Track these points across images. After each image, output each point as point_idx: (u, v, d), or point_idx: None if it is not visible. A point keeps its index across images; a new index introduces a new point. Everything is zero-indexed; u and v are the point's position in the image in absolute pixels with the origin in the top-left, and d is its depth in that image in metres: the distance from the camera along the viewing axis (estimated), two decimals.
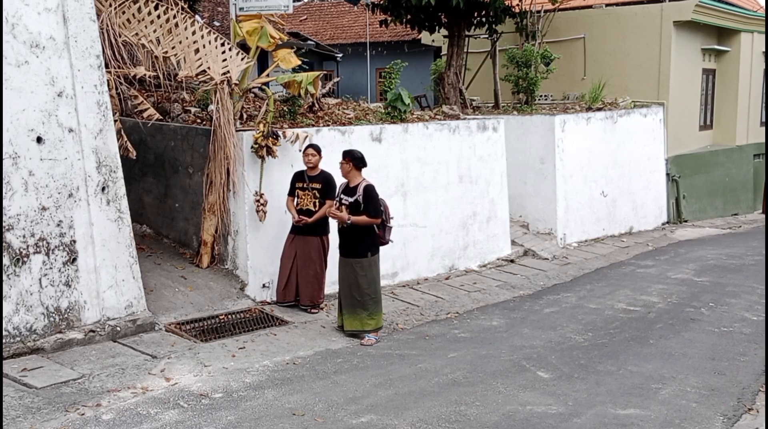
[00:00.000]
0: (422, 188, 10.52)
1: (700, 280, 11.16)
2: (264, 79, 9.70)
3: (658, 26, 16.38)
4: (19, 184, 6.42)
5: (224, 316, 7.93)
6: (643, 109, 15.95)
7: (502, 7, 14.67)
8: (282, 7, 10.63)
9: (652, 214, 16.26)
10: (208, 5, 19.06)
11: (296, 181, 8.34)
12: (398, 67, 10.79)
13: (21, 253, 6.42)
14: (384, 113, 10.84)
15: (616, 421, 5.71)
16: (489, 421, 5.63)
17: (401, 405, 5.89)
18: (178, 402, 5.70)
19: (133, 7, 8.25)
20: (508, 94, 15.89)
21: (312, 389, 6.15)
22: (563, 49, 16.50)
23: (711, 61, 18.75)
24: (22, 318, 6.41)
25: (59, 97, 6.71)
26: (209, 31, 8.61)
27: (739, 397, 6.36)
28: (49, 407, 5.43)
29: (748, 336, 8.23)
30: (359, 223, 7.54)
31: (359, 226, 7.54)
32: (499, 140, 12.00)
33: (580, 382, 6.60)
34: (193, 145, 9.00)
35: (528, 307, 9.49)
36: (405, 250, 10.27)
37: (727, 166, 19.24)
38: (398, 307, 9.08)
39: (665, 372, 6.94)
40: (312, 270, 8.33)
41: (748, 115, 19.81)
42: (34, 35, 6.52)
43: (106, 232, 7.08)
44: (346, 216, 7.52)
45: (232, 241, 8.74)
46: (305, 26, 25.71)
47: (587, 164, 14.15)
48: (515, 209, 13.15)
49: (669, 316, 9.09)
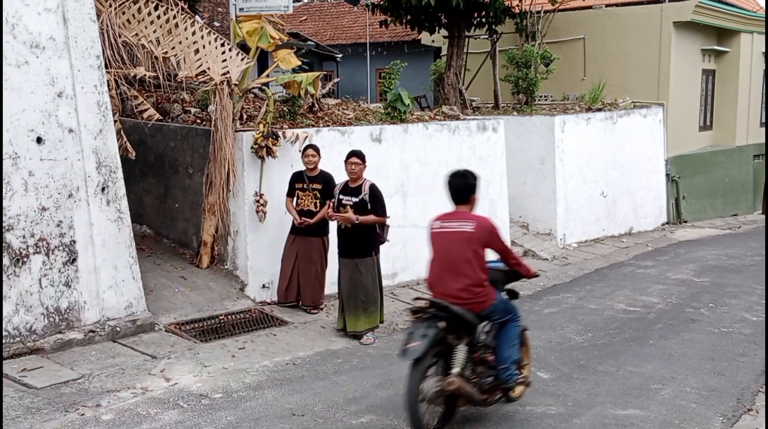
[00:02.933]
0: (422, 189, 10.52)
1: (700, 281, 11.16)
2: (264, 80, 9.71)
3: (657, 27, 16.39)
4: (19, 185, 6.42)
5: (224, 317, 7.93)
6: (642, 109, 15.95)
7: (501, 8, 14.67)
8: (282, 8, 10.63)
9: (651, 214, 16.25)
10: (208, 5, 19.07)
11: (295, 182, 8.32)
12: (398, 68, 10.79)
13: (21, 253, 6.42)
14: (384, 114, 10.84)
15: (616, 422, 5.71)
16: (489, 422, 5.63)
17: (401, 405, 5.87)
18: (177, 402, 5.70)
19: (133, 8, 8.25)
20: (508, 94, 15.89)
21: (312, 390, 6.15)
22: (563, 50, 16.50)
23: (711, 62, 18.76)
24: (21, 318, 6.41)
25: (59, 98, 6.71)
26: (209, 32, 8.62)
27: (739, 398, 6.36)
28: (49, 407, 5.43)
29: (747, 336, 8.23)
30: (367, 223, 7.51)
31: (363, 226, 7.51)
32: (499, 141, 12.00)
33: (579, 383, 6.60)
34: (193, 146, 9.01)
35: (528, 308, 9.48)
36: (405, 251, 10.27)
37: (727, 167, 19.24)
38: (398, 308, 9.08)
39: (665, 372, 6.94)
40: (313, 270, 8.33)
41: (748, 115, 19.82)
42: (34, 35, 6.52)
43: (106, 232, 7.08)
44: (353, 216, 7.43)
45: (231, 242, 8.74)
46: (305, 27, 25.72)
47: (587, 165, 14.16)
48: (515, 210, 13.15)
49: (669, 316, 9.09)
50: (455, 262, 5.10)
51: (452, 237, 5.17)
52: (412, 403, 4.81)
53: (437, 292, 5.19)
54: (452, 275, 5.12)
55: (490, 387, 5.26)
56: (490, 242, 5.21)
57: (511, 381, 5.33)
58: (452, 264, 5.12)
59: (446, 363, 5.02)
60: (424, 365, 4.86)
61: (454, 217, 5.28)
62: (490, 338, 5.30)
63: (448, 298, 5.07)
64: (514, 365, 5.35)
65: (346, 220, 7.45)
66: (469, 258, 5.08)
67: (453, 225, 5.21)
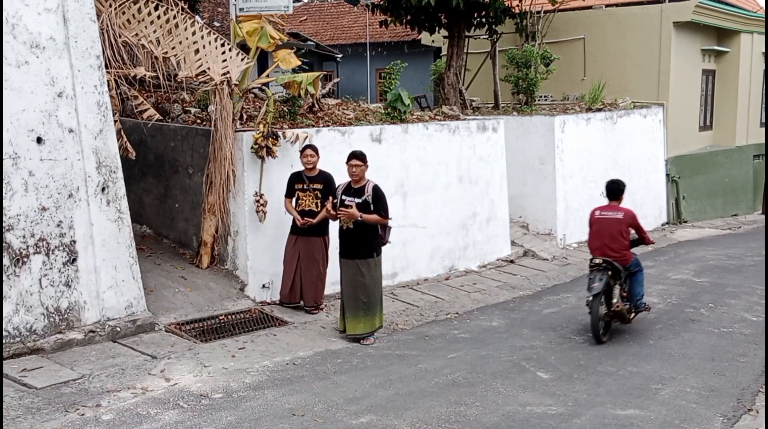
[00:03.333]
0: (422, 189, 10.52)
1: (700, 281, 11.16)
2: (264, 80, 9.70)
3: (657, 27, 16.39)
4: (19, 185, 6.42)
5: (224, 317, 7.93)
6: (642, 109, 15.96)
7: (501, 8, 14.67)
8: (282, 8, 10.64)
9: (651, 214, 16.25)
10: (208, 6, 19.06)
11: (295, 183, 8.31)
12: (398, 68, 10.79)
13: (21, 253, 6.42)
14: (384, 114, 10.84)
15: (616, 422, 5.71)
16: (489, 422, 5.63)
17: (401, 405, 5.89)
18: (177, 402, 5.70)
19: (133, 8, 8.25)
20: (508, 94, 15.89)
21: (312, 390, 6.15)
22: (563, 50, 16.51)
23: (711, 62, 18.76)
24: (22, 318, 6.41)
25: (59, 98, 6.71)
26: (209, 32, 8.62)
27: (739, 398, 6.36)
28: (49, 407, 5.43)
29: (747, 337, 8.23)
30: (369, 222, 7.49)
31: (365, 226, 7.50)
32: (499, 141, 12.00)
33: (579, 383, 6.61)
34: (193, 146, 9.01)
35: (528, 308, 9.49)
36: (405, 251, 10.27)
37: (727, 167, 19.25)
38: (398, 308, 9.08)
39: (665, 372, 6.95)
40: (315, 270, 8.33)
41: (748, 115, 19.82)
42: (34, 35, 6.52)
43: (106, 232, 7.08)
44: (356, 212, 7.40)
45: (231, 242, 8.74)
46: (305, 27, 25.72)
47: (587, 165, 14.15)
48: (515, 210, 13.15)
49: (669, 316, 9.09)
50: (612, 236, 7.97)
51: (610, 221, 8.07)
52: (595, 321, 7.73)
53: (599, 254, 7.98)
54: (610, 243, 7.95)
55: (628, 310, 8.15)
56: (632, 224, 8.08)
57: (640, 306, 8.31)
58: (610, 237, 7.97)
59: (607, 297, 7.87)
60: (600, 297, 7.74)
61: (610, 208, 8.21)
62: (627, 281, 8.20)
63: (608, 257, 7.90)
64: (641, 297, 8.31)
65: (350, 215, 7.43)
66: (621, 233, 7.99)
67: (609, 214, 8.14)
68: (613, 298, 7.89)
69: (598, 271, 7.84)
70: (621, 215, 8.05)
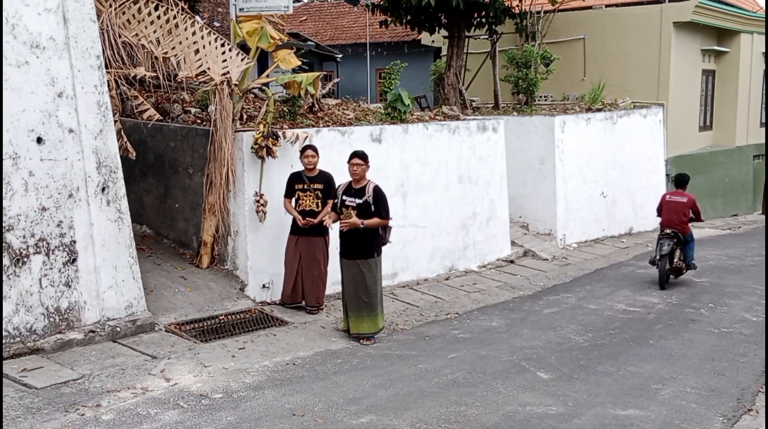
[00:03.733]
0: (422, 189, 10.52)
1: (700, 281, 11.17)
2: (264, 80, 9.70)
3: (657, 27, 16.40)
4: (19, 185, 6.42)
5: (224, 317, 7.93)
6: (642, 109, 15.95)
7: (501, 8, 14.68)
8: (282, 8, 10.65)
9: (651, 214, 16.12)
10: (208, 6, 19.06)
11: (295, 183, 8.31)
12: (398, 68, 10.79)
13: (21, 253, 6.42)
14: (384, 114, 10.84)
15: (616, 422, 5.72)
16: (489, 422, 5.64)
17: (401, 405, 5.89)
18: (178, 402, 5.71)
19: (133, 8, 8.25)
20: (508, 94, 15.89)
21: (312, 390, 6.15)
22: (563, 50, 16.51)
23: (711, 62, 18.76)
24: (22, 318, 6.41)
25: (59, 98, 6.71)
26: (209, 32, 8.62)
27: (739, 398, 6.36)
28: (49, 407, 5.43)
29: (747, 337, 8.23)
30: (371, 226, 7.51)
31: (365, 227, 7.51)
32: (499, 141, 12.00)
33: (579, 383, 6.61)
34: (193, 146, 9.01)
35: (528, 308, 9.49)
36: (405, 251, 10.28)
37: (727, 167, 19.25)
38: (398, 308, 9.09)
39: (665, 373, 6.95)
40: (317, 270, 8.33)
41: (748, 115, 19.83)
42: (35, 36, 6.52)
43: (106, 232, 7.08)
44: (358, 221, 7.42)
45: (231, 242, 8.74)
46: (305, 27, 25.73)
47: (587, 165, 14.16)
48: (515, 210, 13.15)
49: (669, 316, 9.09)
50: (678, 214, 10.67)
51: (677, 203, 10.76)
52: (663, 273, 10.52)
53: (669, 226, 10.67)
54: (677, 219, 10.67)
55: (684, 268, 10.88)
56: (692, 207, 10.72)
57: (691, 265, 10.93)
58: (677, 214, 10.67)
59: (670, 258, 10.59)
60: (667, 257, 10.47)
61: (677, 194, 10.92)
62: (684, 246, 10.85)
63: (674, 229, 10.62)
64: (692, 258, 10.98)
65: (352, 225, 7.44)
66: (684, 212, 10.68)
67: (677, 198, 10.83)
68: (675, 258, 10.67)
69: (667, 238, 10.54)
70: (685, 200, 10.72)
